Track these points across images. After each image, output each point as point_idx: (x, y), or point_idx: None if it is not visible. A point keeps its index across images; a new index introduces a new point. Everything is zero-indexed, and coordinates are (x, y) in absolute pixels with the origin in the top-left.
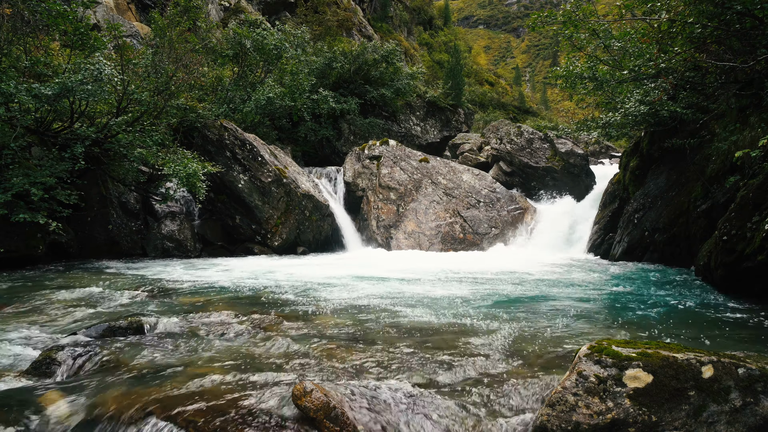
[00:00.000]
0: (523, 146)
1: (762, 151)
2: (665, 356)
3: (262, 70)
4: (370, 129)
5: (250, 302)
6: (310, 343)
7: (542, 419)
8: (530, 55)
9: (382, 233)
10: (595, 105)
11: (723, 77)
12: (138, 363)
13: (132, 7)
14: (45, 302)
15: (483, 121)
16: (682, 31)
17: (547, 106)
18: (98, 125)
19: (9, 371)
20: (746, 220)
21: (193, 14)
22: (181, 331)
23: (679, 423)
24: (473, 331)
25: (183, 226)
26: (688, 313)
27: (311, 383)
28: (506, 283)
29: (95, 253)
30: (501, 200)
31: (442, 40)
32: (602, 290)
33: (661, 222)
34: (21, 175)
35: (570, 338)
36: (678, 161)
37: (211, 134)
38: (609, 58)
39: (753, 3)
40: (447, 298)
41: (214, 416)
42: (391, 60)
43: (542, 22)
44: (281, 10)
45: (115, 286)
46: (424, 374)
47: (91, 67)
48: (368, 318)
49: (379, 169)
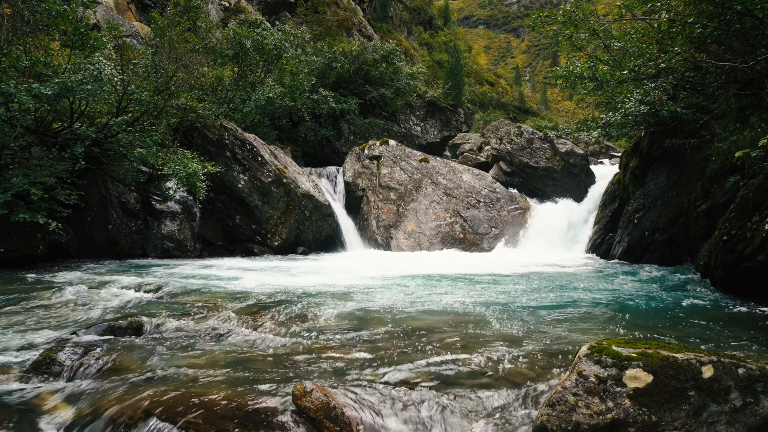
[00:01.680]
0: (523, 146)
1: (762, 151)
2: (665, 356)
3: (262, 70)
4: (370, 129)
5: (250, 302)
6: (310, 343)
7: (542, 419)
8: (530, 55)
9: (382, 233)
10: (595, 105)
11: (723, 77)
12: (138, 363)
13: (132, 7)
14: (45, 302)
15: (483, 121)
16: (682, 31)
17: (547, 106)
18: (98, 125)
19: (9, 371)
20: (746, 220)
21: (193, 14)
22: (181, 331)
23: (679, 423)
24: (473, 331)
25: (183, 226)
26: (688, 313)
27: (311, 383)
28: (506, 283)
29: (95, 253)
30: (501, 200)
31: (442, 40)
32: (602, 290)
33: (661, 222)
34: (21, 175)
35: (570, 338)
36: (678, 161)
37: (211, 134)
38: (609, 58)
39: (753, 3)
40: (447, 298)
41: (215, 416)
42: (391, 60)
43: (542, 22)
44: (281, 10)
45: (115, 286)
46: (424, 374)
47: (91, 67)
48: (368, 318)
49: (379, 169)
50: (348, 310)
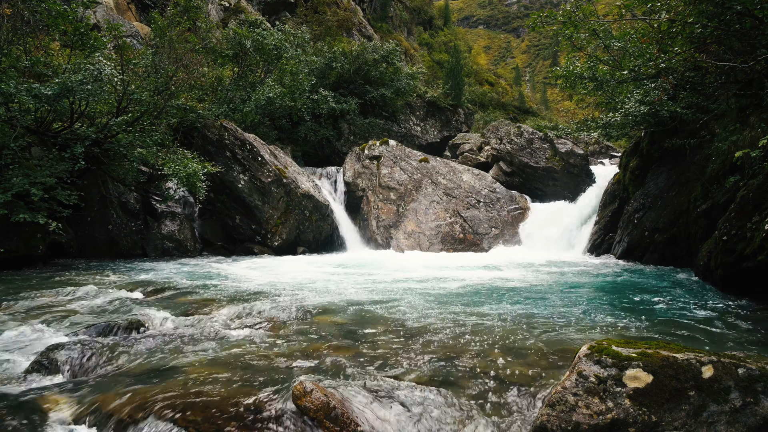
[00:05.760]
0: (523, 146)
1: (762, 151)
2: (665, 356)
3: (262, 70)
4: (370, 129)
5: (250, 302)
6: (310, 343)
7: (542, 419)
8: (530, 55)
9: (382, 233)
10: (595, 105)
11: (723, 77)
12: (138, 362)
13: (132, 7)
14: (45, 302)
15: (483, 121)
16: (682, 31)
17: (547, 106)
18: (98, 125)
19: (9, 371)
20: (746, 220)
21: (193, 14)
22: (180, 330)
23: (679, 423)
24: (473, 332)
25: (183, 226)
26: (688, 313)
27: (311, 383)
28: (506, 283)
29: (95, 253)
30: (501, 200)
31: (442, 40)
32: (602, 290)
33: (661, 222)
34: (21, 175)
35: (570, 338)
36: (678, 161)
37: (211, 134)
38: (609, 58)
39: (753, 3)
40: (447, 299)
41: (215, 416)
42: (391, 60)
43: (542, 22)
44: (281, 10)
45: (114, 286)
46: (424, 373)
47: (91, 67)
48: (368, 318)
49: (379, 169)
50: (348, 310)
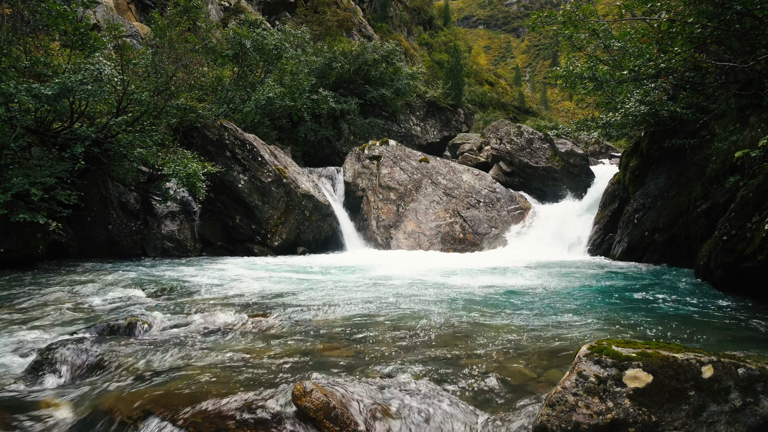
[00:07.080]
0: (523, 146)
1: (762, 151)
2: (665, 356)
3: (262, 70)
4: (370, 129)
5: (250, 302)
6: (310, 343)
7: (542, 419)
8: (530, 55)
9: (382, 233)
10: (595, 105)
11: (723, 77)
12: (138, 363)
13: (132, 7)
14: (44, 302)
15: (483, 121)
16: (682, 31)
17: (547, 106)
18: (98, 125)
19: (8, 372)
20: (746, 220)
21: (193, 14)
22: (180, 330)
23: (679, 423)
24: (473, 332)
25: (183, 226)
26: (687, 313)
27: (311, 383)
28: (505, 283)
29: (95, 253)
30: (501, 200)
31: (442, 40)
32: (602, 290)
33: (661, 222)
34: (21, 175)
35: (570, 338)
36: (678, 161)
37: (211, 134)
38: (609, 58)
39: (753, 3)
40: (446, 299)
41: (215, 416)
42: (391, 60)
43: (542, 22)
44: (281, 10)
45: (114, 285)
46: (424, 373)
47: (91, 67)
48: (368, 318)
49: (379, 169)
50: (347, 310)
